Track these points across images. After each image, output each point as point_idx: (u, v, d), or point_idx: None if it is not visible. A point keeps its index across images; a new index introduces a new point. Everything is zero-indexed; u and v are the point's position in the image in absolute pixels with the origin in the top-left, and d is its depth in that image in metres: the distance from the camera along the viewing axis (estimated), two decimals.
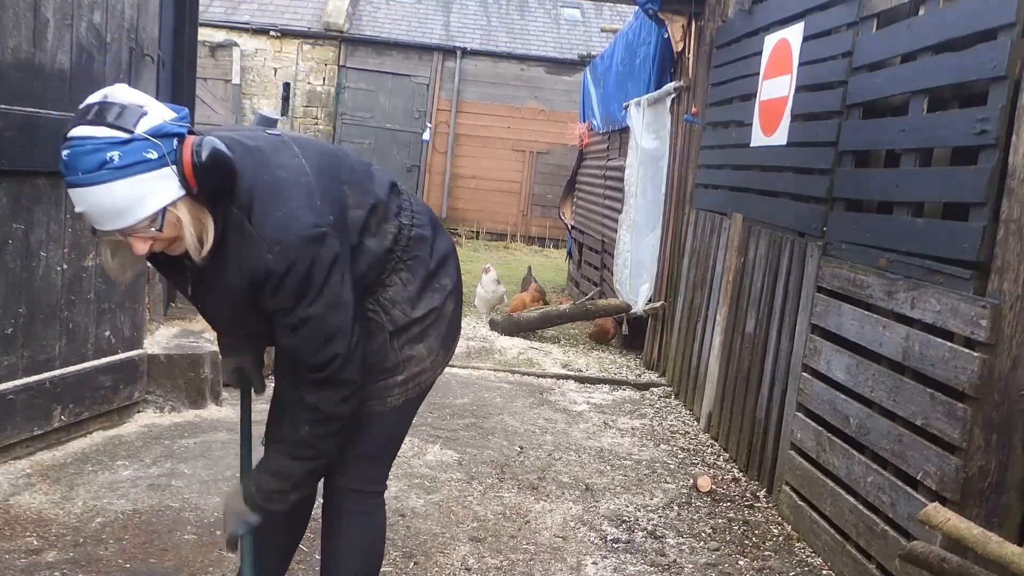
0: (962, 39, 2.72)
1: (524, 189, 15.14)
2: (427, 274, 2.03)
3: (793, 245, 3.90)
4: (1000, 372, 2.43)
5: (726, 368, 4.59)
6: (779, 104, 4.16)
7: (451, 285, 2.12)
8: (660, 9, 5.70)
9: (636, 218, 6.58)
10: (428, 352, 2.05)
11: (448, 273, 2.12)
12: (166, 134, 1.62)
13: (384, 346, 1.98)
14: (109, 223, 1.61)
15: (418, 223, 2.04)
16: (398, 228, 1.98)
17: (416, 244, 2.01)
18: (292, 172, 1.79)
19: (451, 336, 2.15)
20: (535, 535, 3.24)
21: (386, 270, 1.96)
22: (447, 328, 2.11)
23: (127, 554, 2.79)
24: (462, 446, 4.14)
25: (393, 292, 1.98)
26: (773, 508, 3.73)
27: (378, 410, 2.03)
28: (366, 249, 1.91)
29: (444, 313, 2.08)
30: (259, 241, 1.72)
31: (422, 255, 2.02)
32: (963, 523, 1.98)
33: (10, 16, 3.13)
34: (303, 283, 1.74)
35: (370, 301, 1.96)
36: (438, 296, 2.06)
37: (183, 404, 4.19)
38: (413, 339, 2.02)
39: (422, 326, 2.02)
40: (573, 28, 16.13)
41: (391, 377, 2.01)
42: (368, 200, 1.92)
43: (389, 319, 1.98)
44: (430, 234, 2.06)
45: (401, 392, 2.04)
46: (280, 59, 14.87)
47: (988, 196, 2.50)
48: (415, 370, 2.04)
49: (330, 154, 1.94)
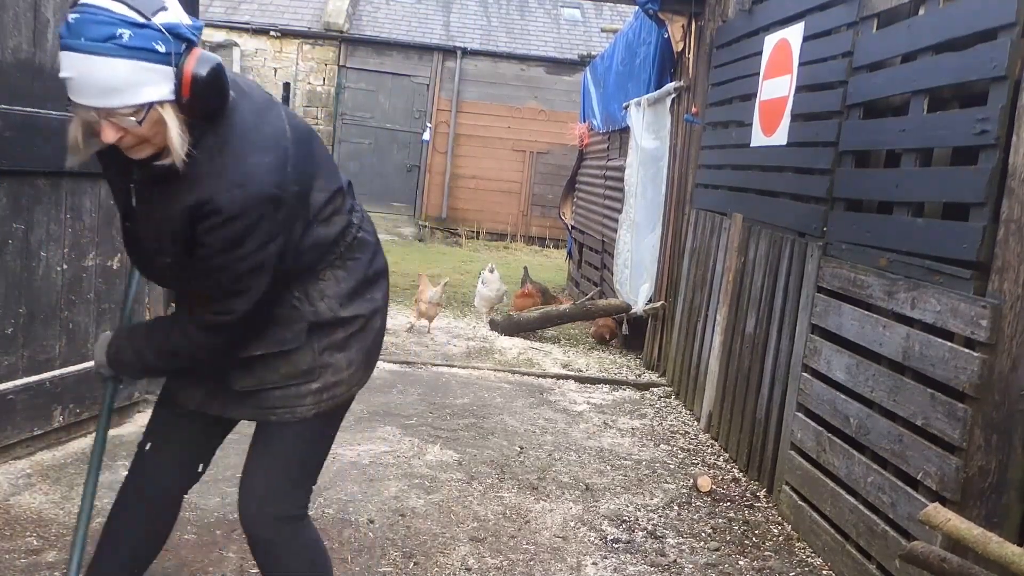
0: (962, 39, 2.72)
1: (524, 189, 15.14)
2: (363, 279, 1.99)
3: (793, 245, 3.90)
4: (1000, 372, 2.43)
5: (726, 368, 4.59)
6: (779, 104, 4.16)
7: (381, 302, 2.06)
8: (660, 9, 5.70)
9: (636, 218, 6.58)
10: (348, 364, 1.97)
11: (381, 289, 2.06)
12: (179, 35, 1.60)
13: (299, 333, 1.90)
14: (93, 98, 1.56)
15: (366, 228, 2.02)
16: (347, 223, 1.95)
17: (359, 247, 1.99)
18: (275, 131, 1.78)
19: (374, 354, 2.07)
20: (535, 535, 3.24)
21: (324, 262, 1.92)
22: (371, 344, 2.03)
23: None
24: (462, 446, 4.14)
25: (325, 286, 1.93)
26: (773, 508, 3.73)
27: (288, 420, 1.95)
28: (313, 233, 1.87)
29: (371, 327, 2.02)
30: (223, 177, 1.68)
31: (362, 259, 1.99)
32: (963, 523, 1.98)
33: (10, 16, 3.13)
34: (242, 235, 1.70)
35: (298, 290, 1.90)
36: (368, 306, 2.00)
37: None
38: (335, 345, 1.95)
39: (346, 332, 1.96)
40: (573, 28, 16.12)
41: (305, 383, 1.93)
42: (332, 185, 1.91)
43: (313, 310, 1.91)
44: (373, 243, 2.04)
45: (314, 402, 1.94)
46: (280, 59, 14.87)
47: (988, 196, 2.50)
48: (331, 379, 1.95)
49: (311, 134, 1.92)
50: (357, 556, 2.93)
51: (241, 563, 2.79)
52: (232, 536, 2.97)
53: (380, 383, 5.13)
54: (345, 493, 3.43)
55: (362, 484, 3.53)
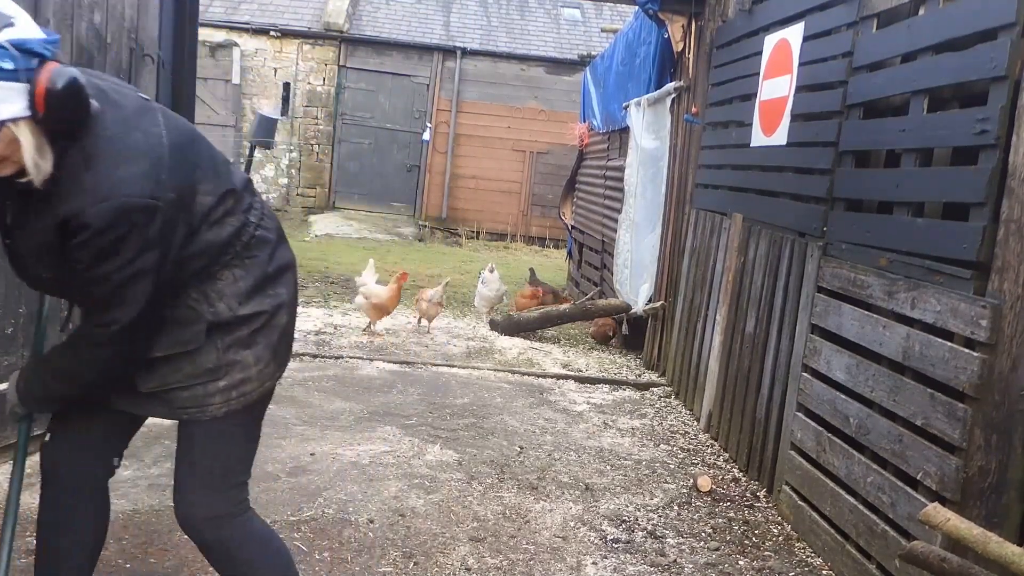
0: (962, 39, 2.72)
1: (524, 189, 15.13)
2: (263, 276, 1.97)
3: (793, 245, 3.90)
4: (1000, 372, 2.43)
5: (726, 368, 4.59)
6: (779, 104, 4.16)
7: (286, 297, 2.04)
8: (660, 9, 5.71)
9: (636, 218, 6.58)
10: (255, 360, 1.96)
11: (285, 284, 2.04)
12: (28, 50, 1.58)
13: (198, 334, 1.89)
14: None
15: (265, 226, 2.00)
16: (242, 223, 1.93)
17: (257, 245, 1.97)
18: (148, 138, 1.74)
19: (283, 350, 2.06)
20: (535, 535, 3.24)
21: (219, 263, 1.91)
22: (278, 340, 2.02)
23: (127, 554, 2.79)
24: (462, 446, 4.14)
25: (223, 286, 1.91)
26: (773, 508, 3.73)
27: (199, 418, 1.95)
28: (202, 237, 1.86)
29: (276, 323, 2.00)
30: (88, 192, 1.66)
31: (260, 256, 1.97)
32: (963, 523, 1.98)
33: None
34: (113, 247, 1.68)
35: (195, 290, 1.89)
36: (270, 302, 1.98)
37: None
38: (240, 343, 1.94)
39: (250, 328, 1.95)
40: (573, 28, 16.12)
41: (211, 381, 1.93)
42: (220, 188, 1.89)
43: (212, 311, 1.90)
44: (274, 239, 2.02)
45: (223, 400, 1.94)
46: (280, 59, 14.86)
47: (988, 196, 2.50)
48: (239, 377, 1.94)
49: (194, 137, 1.90)
50: (357, 556, 2.93)
51: None
52: None
53: (380, 383, 5.13)
54: (345, 493, 3.43)
55: (362, 484, 3.53)
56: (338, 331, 6.41)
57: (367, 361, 5.60)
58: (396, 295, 6.36)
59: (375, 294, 6.32)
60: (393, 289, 6.33)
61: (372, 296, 6.30)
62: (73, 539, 2.13)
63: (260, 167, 14.90)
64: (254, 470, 3.52)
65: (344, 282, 8.81)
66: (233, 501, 2.05)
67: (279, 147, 14.81)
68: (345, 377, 5.20)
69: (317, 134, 15.06)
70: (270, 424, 4.15)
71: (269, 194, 15.11)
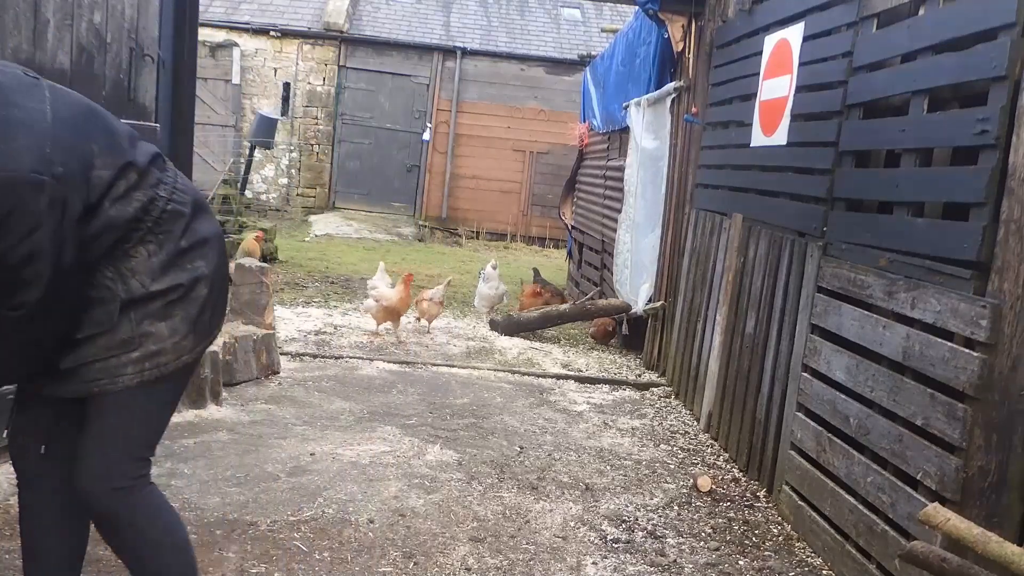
0: (962, 39, 2.72)
1: (524, 189, 15.14)
2: (176, 250, 1.95)
3: (793, 245, 3.90)
4: (1000, 372, 2.43)
5: (726, 368, 4.59)
6: (779, 104, 4.16)
7: (206, 270, 2.01)
8: (660, 9, 5.71)
9: (636, 218, 6.58)
10: (170, 332, 1.95)
11: (204, 257, 2.01)
12: None
13: (111, 313, 1.88)
14: None
15: (177, 200, 1.97)
16: (150, 199, 1.90)
17: (170, 219, 1.94)
18: (29, 114, 1.72)
19: (203, 323, 2.02)
20: (535, 535, 3.24)
21: (131, 240, 1.89)
22: (198, 313, 1.99)
23: None
24: (462, 446, 4.14)
25: (136, 263, 1.90)
26: (773, 508, 3.73)
27: (110, 389, 1.92)
28: (104, 212, 1.83)
29: (195, 296, 1.98)
30: None
31: (174, 231, 1.95)
32: (963, 523, 1.98)
33: (10, 16, 3.13)
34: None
35: (110, 269, 1.88)
36: (186, 275, 1.96)
37: (183, 404, 4.19)
38: (154, 315, 1.93)
39: (164, 301, 1.93)
40: (573, 28, 16.12)
41: (124, 353, 1.91)
42: (119, 161, 1.85)
43: (125, 288, 1.89)
44: (188, 212, 1.99)
45: (136, 371, 1.92)
46: (280, 59, 14.87)
47: (988, 196, 2.50)
48: (152, 348, 1.93)
49: (88, 112, 1.87)
50: (357, 556, 2.93)
51: (241, 563, 2.79)
52: (232, 536, 2.97)
53: (380, 383, 5.13)
54: (345, 493, 3.43)
55: (362, 484, 3.53)
56: (338, 331, 6.41)
57: (367, 361, 5.60)
58: (407, 297, 6.36)
59: (386, 296, 6.33)
60: (403, 291, 6.32)
61: (383, 299, 6.32)
62: (48, 538, 2.13)
63: (260, 167, 14.90)
64: (253, 470, 3.55)
65: (344, 282, 8.81)
66: (137, 472, 2.02)
67: (279, 147, 14.81)
68: (345, 377, 5.20)
69: (317, 134, 15.06)
70: (270, 424, 4.17)
71: (269, 194, 15.12)
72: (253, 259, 6.11)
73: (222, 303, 2.11)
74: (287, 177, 15.19)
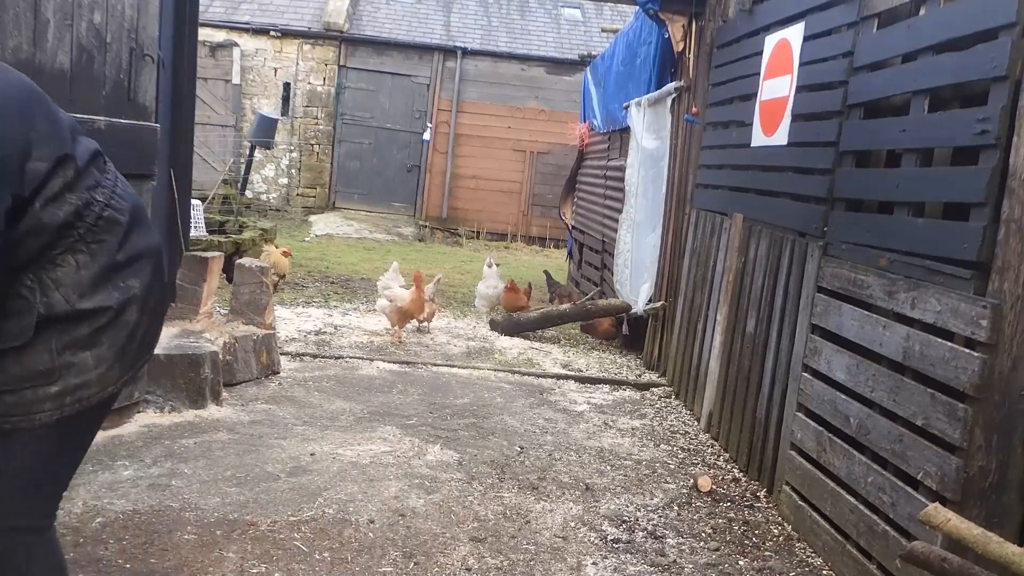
0: (963, 39, 2.72)
1: (524, 189, 15.14)
2: (110, 264, 1.72)
3: (794, 245, 3.90)
4: (1000, 372, 2.43)
5: (726, 368, 4.58)
6: (780, 104, 4.16)
7: (139, 290, 1.77)
8: (661, 9, 5.71)
9: (637, 218, 6.58)
10: (96, 363, 1.71)
11: (139, 274, 1.78)
12: None
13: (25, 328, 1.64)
14: None
15: (115, 206, 1.74)
16: (84, 203, 1.69)
17: (106, 228, 1.72)
18: None
19: (132, 353, 1.79)
20: (535, 535, 3.24)
21: (59, 247, 1.66)
22: (126, 340, 1.76)
23: (127, 554, 2.79)
24: (462, 446, 4.14)
25: (62, 273, 1.66)
26: (773, 508, 3.73)
27: (24, 427, 1.67)
28: (34, 213, 1.62)
29: (124, 320, 1.74)
30: None
31: (109, 241, 1.72)
32: (963, 523, 1.98)
33: (10, 16, 3.12)
34: None
35: (30, 277, 1.64)
36: (118, 295, 1.73)
37: (183, 404, 4.19)
38: (79, 343, 1.69)
39: (91, 327, 1.70)
40: (573, 28, 16.12)
41: (43, 386, 1.66)
42: (57, 152, 1.65)
43: (45, 301, 1.64)
44: (126, 222, 1.76)
45: (54, 407, 1.68)
46: (280, 59, 14.87)
47: (989, 196, 2.50)
48: (75, 381, 1.69)
49: (28, 97, 1.67)
50: (357, 556, 2.93)
51: (241, 563, 2.79)
52: (232, 536, 2.97)
53: (380, 383, 5.13)
54: (345, 493, 3.43)
55: (362, 484, 3.53)
56: (338, 331, 6.41)
57: (367, 361, 5.60)
58: (421, 298, 6.37)
59: (399, 297, 6.34)
60: (415, 292, 6.33)
61: (397, 299, 6.33)
62: None
63: (260, 167, 14.91)
64: (254, 470, 3.55)
65: (344, 282, 8.81)
66: (43, 513, 1.80)
67: (279, 147, 14.81)
68: (345, 377, 5.20)
69: (317, 134, 15.07)
70: (270, 424, 4.17)
71: (269, 194, 15.12)
72: (254, 260, 6.11)
73: (154, 328, 1.88)
74: (287, 177, 15.20)
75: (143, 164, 3.89)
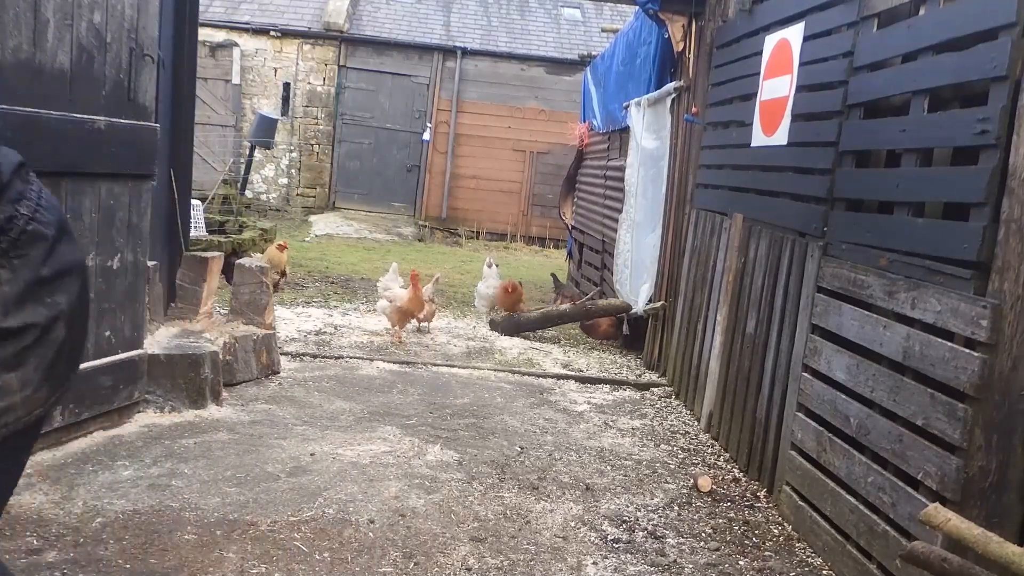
0: (963, 39, 2.72)
1: (524, 189, 15.14)
2: (35, 279, 1.63)
3: (794, 245, 3.90)
4: (1000, 372, 2.43)
5: (726, 368, 4.58)
6: (780, 104, 4.16)
7: (65, 307, 1.68)
8: (660, 9, 5.71)
9: (636, 218, 6.58)
10: (21, 384, 1.60)
11: (66, 291, 1.69)
12: None
13: None
14: None
15: (41, 219, 1.65)
16: (8, 216, 1.60)
17: (30, 242, 1.62)
18: None
19: (60, 370, 1.69)
20: (536, 535, 3.24)
21: None
22: (54, 358, 1.66)
23: (127, 554, 2.79)
24: (462, 446, 4.14)
25: None
26: (773, 508, 3.73)
27: None
28: None
29: (51, 338, 1.65)
30: None
31: (33, 256, 1.63)
32: (964, 523, 1.98)
33: (10, 16, 3.12)
34: None
35: None
36: (44, 312, 1.64)
37: (183, 404, 4.19)
38: (3, 364, 1.59)
39: (16, 346, 1.59)
40: (573, 28, 16.13)
41: None
42: None
43: None
44: (52, 235, 1.67)
45: None
46: (280, 59, 14.87)
47: (989, 196, 2.50)
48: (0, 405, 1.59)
49: None
50: (357, 556, 2.93)
51: (241, 563, 2.79)
52: (232, 536, 2.97)
53: (380, 383, 5.13)
54: (345, 493, 3.43)
55: (362, 484, 3.53)
56: (338, 331, 6.41)
57: (367, 361, 5.60)
58: (419, 297, 6.37)
59: (398, 297, 6.34)
60: (412, 290, 6.33)
61: (396, 299, 6.33)
62: None
63: (260, 167, 14.91)
64: (254, 470, 3.55)
65: (344, 282, 8.81)
66: None
67: (279, 147, 14.81)
68: (345, 377, 5.20)
69: (317, 134, 15.07)
70: (270, 424, 4.17)
71: (269, 194, 15.12)
72: (253, 259, 6.11)
73: (80, 344, 1.79)
74: (287, 177, 15.20)
75: (143, 164, 3.89)
